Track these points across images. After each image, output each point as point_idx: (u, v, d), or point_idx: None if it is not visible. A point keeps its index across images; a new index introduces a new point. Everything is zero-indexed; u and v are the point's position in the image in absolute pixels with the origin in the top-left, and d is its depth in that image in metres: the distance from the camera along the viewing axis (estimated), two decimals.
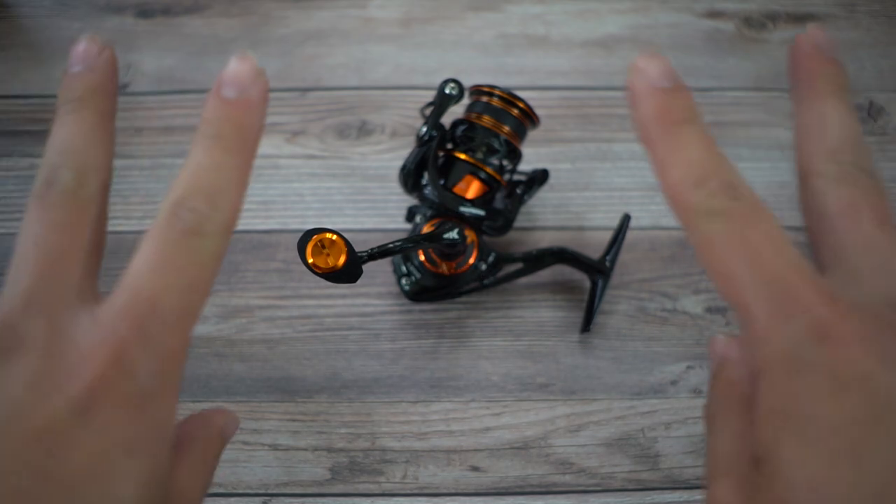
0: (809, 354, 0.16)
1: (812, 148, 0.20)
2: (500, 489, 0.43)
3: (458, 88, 0.42)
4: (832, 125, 0.20)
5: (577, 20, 0.56)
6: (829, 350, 0.16)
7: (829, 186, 0.19)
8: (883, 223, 0.19)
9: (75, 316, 0.18)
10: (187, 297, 0.19)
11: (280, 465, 0.43)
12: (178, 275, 0.19)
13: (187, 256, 0.19)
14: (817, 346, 0.16)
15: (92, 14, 0.57)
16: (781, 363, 0.17)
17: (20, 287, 0.18)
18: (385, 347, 0.46)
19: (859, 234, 0.19)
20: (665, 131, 0.20)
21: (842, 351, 0.16)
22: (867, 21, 0.56)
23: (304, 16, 0.56)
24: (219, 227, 0.20)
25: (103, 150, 0.21)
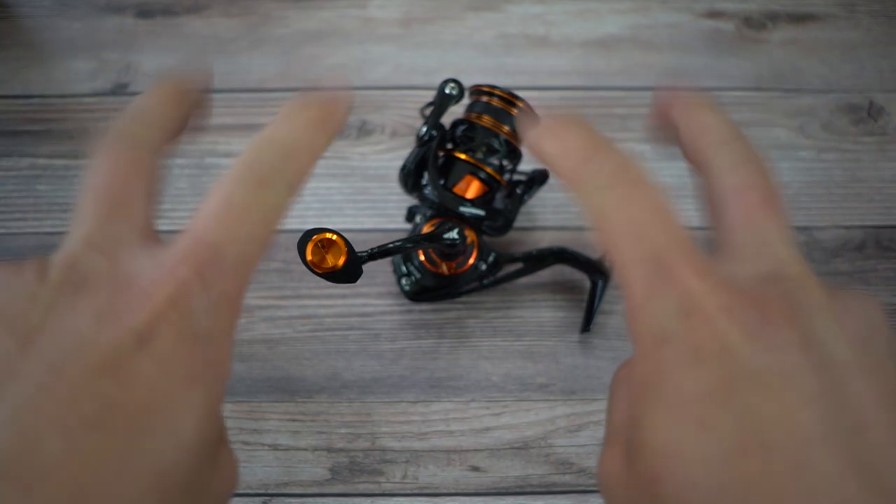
0: (675, 327, 0.17)
1: (702, 143, 0.21)
2: (500, 489, 0.43)
3: (458, 88, 0.42)
4: (715, 124, 0.21)
5: (577, 20, 0.56)
6: (693, 323, 0.17)
7: (720, 172, 0.21)
8: (766, 203, 0.20)
9: (136, 257, 0.19)
10: (248, 247, 0.19)
11: (280, 465, 0.43)
12: (242, 224, 0.19)
13: (253, 207, 0.20)
14: (684, 319, 0.17)
15: (92, 14, 0.57)
16: (651, 336, 0.18)
17: (84, 228, 0.20)
18: (385, 347, 0.46)
19: (745, 214, 0.20)
20: (552, 132, 0.21)
21: (705, 324, 0.17)
22: (867, 21, 0.56)
23: (304, 16, 0.56)
24: (287, 182, 0.20)
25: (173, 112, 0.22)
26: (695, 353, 0.17)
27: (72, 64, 0.55)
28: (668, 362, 0.17)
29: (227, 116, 0.53)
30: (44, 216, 0.50)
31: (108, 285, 0.18)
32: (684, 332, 0.17)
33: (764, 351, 0.17)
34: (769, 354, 0.17)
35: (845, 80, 0.53)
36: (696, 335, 0.17)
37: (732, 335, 0.17)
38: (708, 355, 0.17)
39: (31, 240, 0.49)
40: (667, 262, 0.18)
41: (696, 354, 0.17)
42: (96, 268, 0.19)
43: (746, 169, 0.20)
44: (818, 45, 0.55)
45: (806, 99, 0.53)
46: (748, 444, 0.16)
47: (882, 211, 0.49)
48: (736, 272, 0.19)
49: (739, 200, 0.20)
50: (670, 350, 0.17)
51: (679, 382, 0.17)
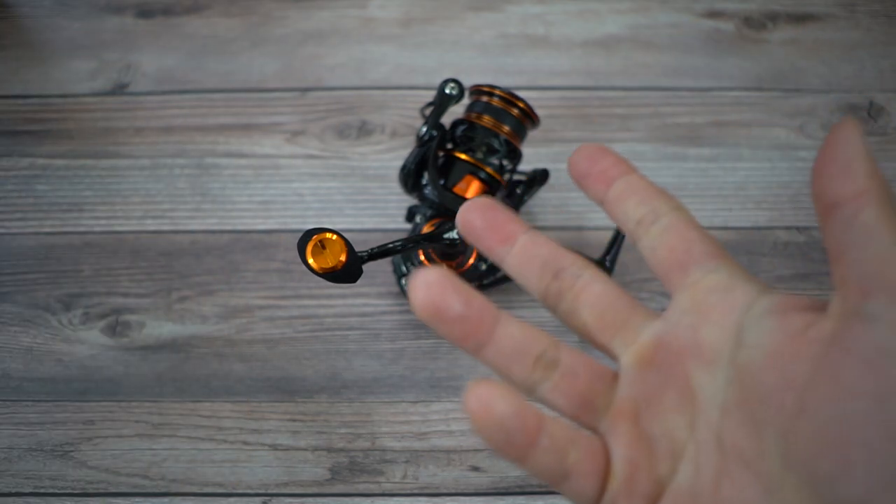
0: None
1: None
2: (500, 489, 0.43)
3: (458, 88, 0.42)
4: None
5: (577, 20, 0.56)
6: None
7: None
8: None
9: None
10: None
11: (280, 465, 0.43)
12: None
13: None
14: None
15: (92, 14, 0.57)
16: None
17: None
18: (385, 347, 0.46)
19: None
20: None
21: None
22: (867, 21, 0.56)
23: (304, 16, 0.56)
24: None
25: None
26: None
27: (72, 64, 0.55)
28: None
29: (227, 116, 0.53)
30: (44, 216, 0.50)
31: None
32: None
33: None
34: None
35: (845, 80, 0.53)
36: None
37: None
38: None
39: (30, 240, 0.49)
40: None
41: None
42: None
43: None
44: (818, 45, 0.55)
45: (806, 99, 0.53)
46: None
47: None
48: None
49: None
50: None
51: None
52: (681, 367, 0.20)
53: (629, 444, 0.20)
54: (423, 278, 0.20)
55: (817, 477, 0.17)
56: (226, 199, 0.50)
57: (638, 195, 0.22)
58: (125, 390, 0.45)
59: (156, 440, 0.44)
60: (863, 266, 0.17)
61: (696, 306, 0.20)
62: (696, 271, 0.21)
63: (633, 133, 0.52)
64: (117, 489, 0.43)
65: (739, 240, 0.48)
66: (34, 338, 0.46)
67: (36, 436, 0.44)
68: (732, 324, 0.20)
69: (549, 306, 0.22)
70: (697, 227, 0.21)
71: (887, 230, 0.17)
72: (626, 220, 0.22)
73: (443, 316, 0.20)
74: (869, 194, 0.17)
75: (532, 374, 0.21)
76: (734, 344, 0.19)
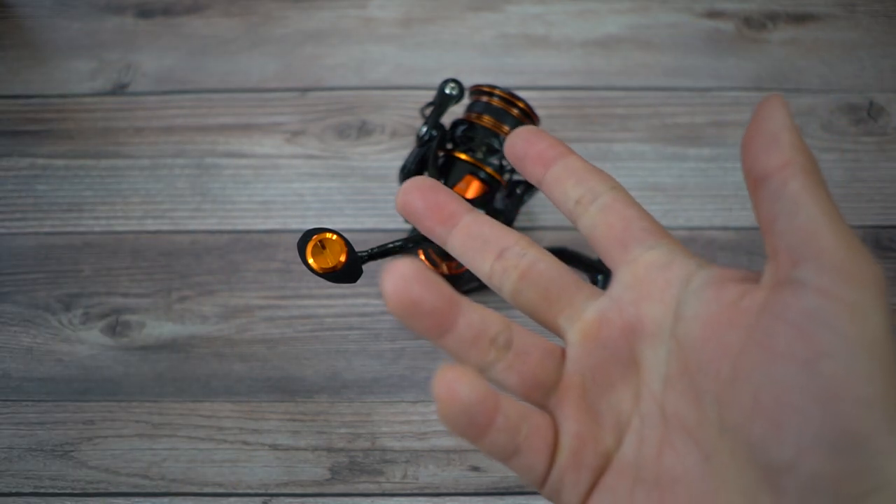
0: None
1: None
2: (500, 489, 0.43)
3: (458, 88, 0.42)
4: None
5: (577, 20, 0.56)
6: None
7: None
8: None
9: None
10: None
11: (280, 465, 0.43)
12: None
13: None
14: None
15: (92, 14, 0.57)
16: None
17: None
18: (385, 347, 0.46)
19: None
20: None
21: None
22: (867, 21, 0.56)
23: (304, 16, 0.56)
24: None
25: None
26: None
27: (72, 64, 0.55)
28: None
29: (227, 116, 0.53)
30: (44, 216, 0.50)
31: None
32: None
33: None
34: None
35: (845, 80, 0.53)
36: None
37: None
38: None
39: (30, 240, 0.49)
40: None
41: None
42: None
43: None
44: (818, 45, 0.55)
45: (806, 99, 0.53)
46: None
47: (882, 211, 0.49)
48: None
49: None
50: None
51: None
52: (624, 342, 0.21)
53: (576, 418, 0.21)
54: (398, 271, 0.20)
55: (751, 440, 0.17)
56: (226, 199, 0.50)
57: (575, 176, 0.22)
58: (125, 390, 0.45)
59: (156, 440, 0.44)
60: (791, 235, 0.18)
61: (637, 282, 0.21)
62: (636, 248, 0.21)
63: (633, 133, 0.52)
64: (117, 489, 0.43)
65: (739, 240, 0.48)
66: (34, 338, 0.46)
67: (36, 436, 0.44)
68: (672, 298, 0.20)
69: (495, 286, 0.23)
70: (635, 204, 0.22)
71: (812, 199, 0.17)
72: (565, 201, 0.22)
73: (417, 309, 0.20)
74: (794, 165, 0.18)
75: (486, 356, 0.21)
76: (674, 317, 0.20)
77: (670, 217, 0.49)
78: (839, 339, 0.16)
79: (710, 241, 0.48)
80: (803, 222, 0.17)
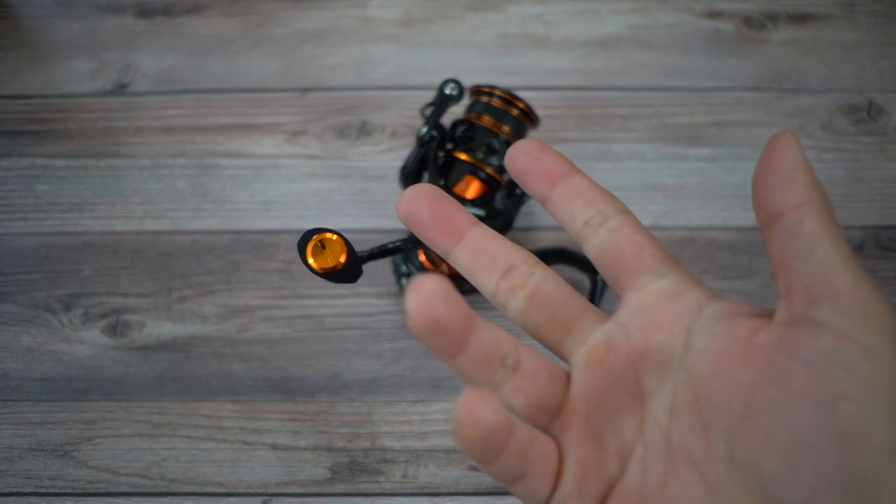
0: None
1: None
2: (500, 488, 0.43)
3: (457, 88, 0.42)
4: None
5: (577, 20, 0.56)
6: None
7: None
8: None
9: None
10: None
11: (280, 465, 0.43)
12: None
13: None
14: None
15: (92, 14, 0.57)
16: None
17: None
18: (385, 347, 0.46)
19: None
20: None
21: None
22: (867, 21, 0.56)
23: (304, 16, 0.56)
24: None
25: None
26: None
27: (72, 64, 0.55)
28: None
29: (227, 116, 0.53)
30: (44, 216, 0.50)
31: None
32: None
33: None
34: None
35: (845, 80, 0.54)
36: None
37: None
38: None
39: (31, 240, 0.49)
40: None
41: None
42: None
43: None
44: (818, 45, 0.55)
45: (806, 99, 0.53)
46: None
47: (882, 211, 0.49)
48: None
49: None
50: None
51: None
52: (631, 369, 0.21)
53: (580, 443, 0.21)
54: (425, 289, 0.19)
55: (763, 478, 0.17)
56: (226, 199, 0.50)
57: (583, 196, 0.22)
58: (125, 390, 0.45)
59: (156, 440, 0.44)
60: (807, 274, 0.18)
61: (647, 310, 0.21)
62: (646, 275, 0.21)
63: (633, 133, 0.52)
64: (117, 489, 0.43)
65: (739, 240, 0.48)
66: (34, 338, 0.46)
67: (36, 436, 0.44)
68: (682, 329, 0.20)
69: (499, 303, 0.22)
70: (645, 230, 0.21)
71: (829, 240, 0.17)
72: (572, 221, 0.22)
73: (439, 329, 0.19)
74: (810, 204, 0.18)
75: (494, 377, 0.21)
76: (683, 348, 0.20)
77: (670, 217, 0.49)
78: (856, 382, 0.16)
79: (710, 241, 0.48)
80: (819, 262, 0.17)
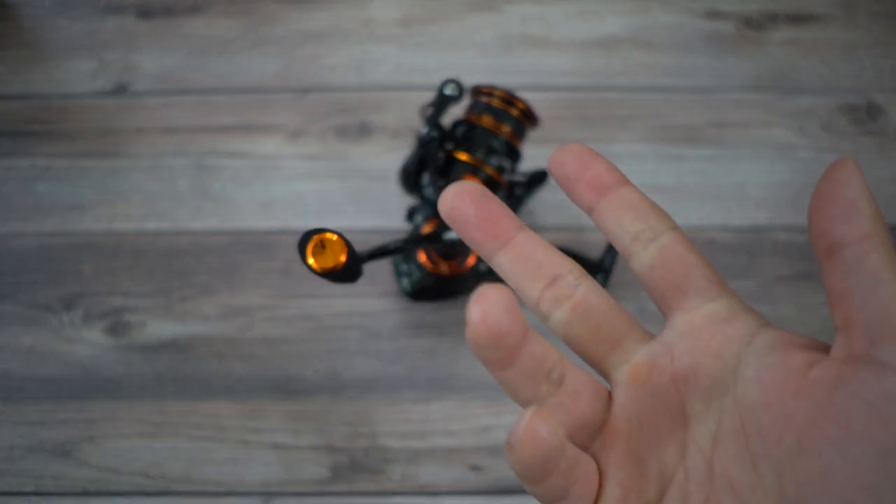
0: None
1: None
2: (500, 488, 0.43)
3: (457, 89, 0.42)
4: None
5: (577, 20, 0.56)
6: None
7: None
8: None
9: None
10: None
11: (280, 464, 0.43)
12: None
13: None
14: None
15: (92, 14, 0.57)
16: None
17: None
18: (385, 347, 0.46)
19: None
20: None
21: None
22: (867, 21, 0.56)
23: (304, 16, 0.57)
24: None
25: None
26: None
27: (72, 64, 0.55)
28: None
29: (228, 117, 0.53)
30: (45, 216, 0.50)
31: None
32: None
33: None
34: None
35: (844, 80, 0.54)
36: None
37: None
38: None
39: (32, 240, 0.49)
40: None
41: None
42: None
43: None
44: (818, 45, 0.55)
45: (805, 99, 0.53)
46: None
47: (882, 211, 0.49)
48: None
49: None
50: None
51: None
52: (674, 392, 0.20)
53: (622, 466, 0.20)
54: (490, 299, 0.18)
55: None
56: (226, 199, 0.50)
57: (634, 209, 0.21)
58: (126, 390, 0.45)
59: (157, 439, 0.44)
60: (870, 311, 0.17)
61: (695, 333, 0.20)
62: (696, 297, 0.20)
63: (633, 133, 0.52)
64: (118, 488, 0.43)
65: (739, 240, 0.48)
66: (35, 337, 0.47)
67: (37, 435, 0.44)
68: (731, 355, 0.20)
69: (542, 313, 0.21)
70: (696, 250, 0.21)
71: (894, 275, 0.17)
72: (620, 234, 0.21)
73: (499, 342, 0.19)
74: (874, 238, 0.17)
75: (538, 391, 0.20)
76: (732, 375, 0.19)
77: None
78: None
79: (710, 240, 0.48)
80: (883, 299, 0.17)
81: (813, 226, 0.18)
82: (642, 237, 0.21)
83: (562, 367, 0.20)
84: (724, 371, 0.20)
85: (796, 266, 0.48)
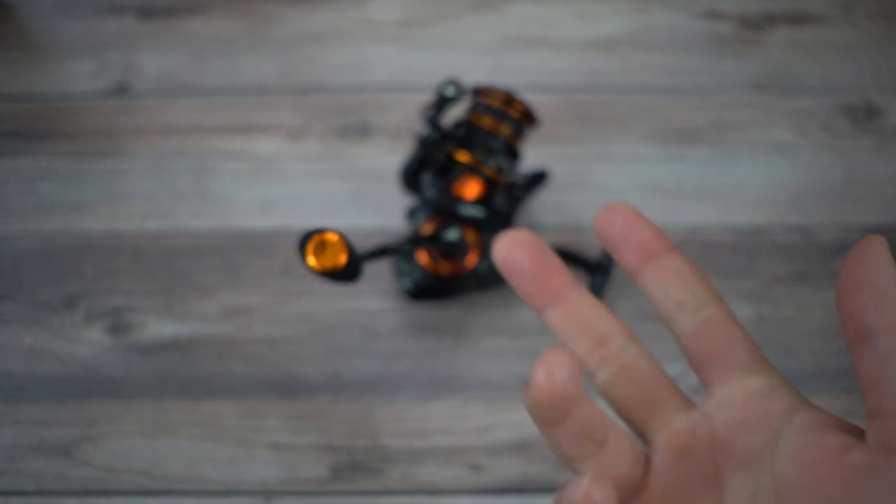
0: None
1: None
2: (500, 488, 0.43)
3: (457, 90, 0.42)
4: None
5: (576, 21, 0.56)
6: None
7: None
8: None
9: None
10: None
11: (281, 464, 0.43)
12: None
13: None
14: None
15: (93, 15, 0.57)
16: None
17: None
18: (385, 346, 0.46)
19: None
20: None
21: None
22: (865, 22, 0.56)
23: (304, 16, 0.57)
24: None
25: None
26: None
27: (73, 64, 0.55)
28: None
29: (228, 117, 0.53)
30: (46, 216, 0.50)
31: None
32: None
33: None
34: None
35: (843, 80, 0.54)
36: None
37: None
38: None
39: (32, 240, 0.49)
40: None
41: None
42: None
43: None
44: (816, 45, 0.55)
45: (804, 99, 0.53)
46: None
47: (880, 211, 0.49)
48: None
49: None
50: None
51: None
52: (711, 462, 0.21)
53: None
54: (556, 363, 0.18)
55: None
56: (227, 199, 0.50)
57: (681, 278, 0.22)
58: (127, 389, 0.45)
59: (157, 439, 0.44)
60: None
61: (735, 406, 0.21)
62: (738, 370, 0.21)
63: (633, 133, 0.52)
64: (119, 488, 0.43)
65: (738, 240, 0.49)
66: (36, 337, 0.47)
67: (38, 435, 0.44)
68: (771, 431, 0.20)
69: (587, 372, 0.22)
70: (740, 323, 0.21)
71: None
72: (664, 301, 0.22)
73: (560, 404, 0.19)
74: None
75: (581, 450, 0.20)
76: (770, 451, 0.20)
77: (669, 217, 0.49)
78: None
79: (709, 241, 0.49)
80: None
81: (842, 308, 0.18)
82: (687, 306, 0.21)
83: (604, 427, 0.20)
84: (763, 446, 0.20)
85: (796, 266, 0.48)
